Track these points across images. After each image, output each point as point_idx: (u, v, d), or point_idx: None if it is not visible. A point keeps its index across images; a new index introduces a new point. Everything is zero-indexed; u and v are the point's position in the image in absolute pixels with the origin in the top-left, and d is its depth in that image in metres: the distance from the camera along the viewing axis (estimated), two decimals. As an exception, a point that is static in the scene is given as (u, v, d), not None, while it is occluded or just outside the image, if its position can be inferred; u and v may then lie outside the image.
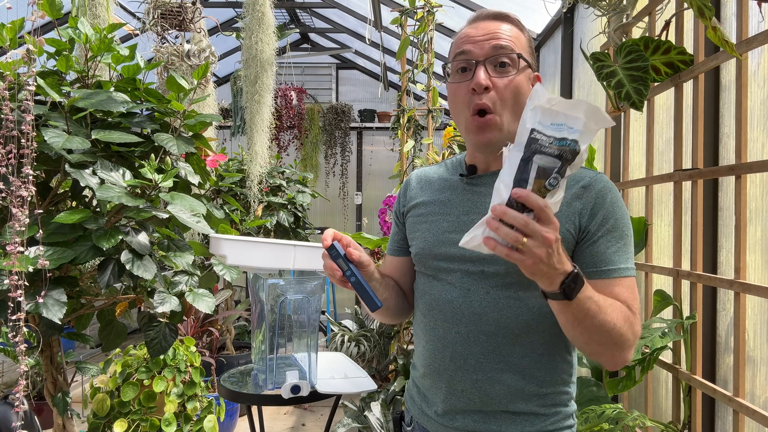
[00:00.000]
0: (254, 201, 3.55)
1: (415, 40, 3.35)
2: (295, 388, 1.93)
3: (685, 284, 1.75)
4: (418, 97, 6.05)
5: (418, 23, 3.29)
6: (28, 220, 1.20)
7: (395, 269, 1.27)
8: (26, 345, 1.19)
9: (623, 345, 0.97)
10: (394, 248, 1.28)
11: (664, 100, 2.04)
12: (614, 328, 0.94)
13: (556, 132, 0.83)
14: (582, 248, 1.03)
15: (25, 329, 1.18)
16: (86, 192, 1.52)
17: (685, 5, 1.54)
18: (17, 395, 1.15)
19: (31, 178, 1.20)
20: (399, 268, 1.26)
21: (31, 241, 1.28)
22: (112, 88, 1.52)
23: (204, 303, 1.54)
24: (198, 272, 1.60)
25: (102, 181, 1.37)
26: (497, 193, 0.85)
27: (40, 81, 1.33)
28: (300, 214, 4.05)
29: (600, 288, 0.99)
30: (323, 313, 4.42)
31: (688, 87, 1.66)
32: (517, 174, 0.83)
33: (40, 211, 1.28)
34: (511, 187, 0.83)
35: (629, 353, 0.99)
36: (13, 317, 1.16)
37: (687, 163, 1.78)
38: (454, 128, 3.07)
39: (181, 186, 1.61)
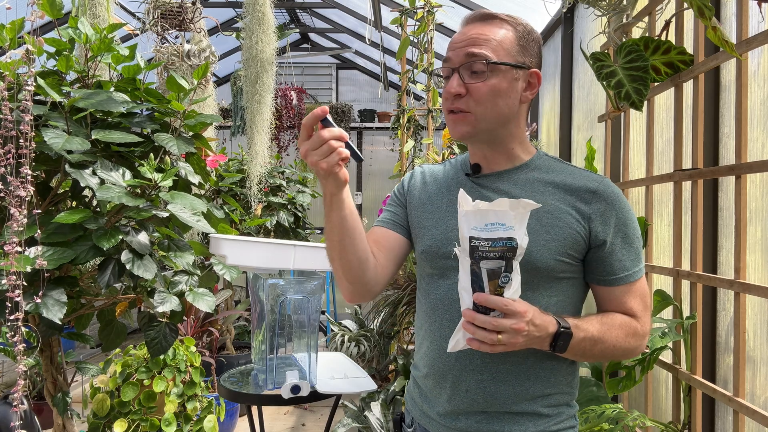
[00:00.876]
0: (254, 201, 3.55)
1: (415, 40, 3.35)
2: (295, 388, 1.93)
3: (685, 284, 1.75)
4: (418, 97, 6.05)
5: (418, 23, 3.29)
6: (26, 220, 1.19)
7: (378, 239, 1.18)
8: (26, 345, 1.19)
9: (628, 354, 1.07)
10: (384, 220, 1.22)
11: (664, 100, 2.04)
12: (615, 347, 1.04)
13: (491, 233, 0.90)
14: (599, 256, 1.07)
15: (24, 329, 1.18)
16: (86, 192, 1.52)
17: (685, 5, 1.54)
18: (16, 395, 1.15)
19: (29, 178, 1.20)
20: (383, 239, 1.18)
21: (31, 241, 1.28)
22: (112, 88, 1.52)
23: (204, 303, 1.54)
24: (198, 272, 1.60)
25: (102, 181, 1.37)
26: (462, 298, 0.95)
27: (41, 81, 1.33)
28: (300, 214, 4.05)
29: (614, 294, 1.08)
30: (323, 313, 4.42)
31: (688, 87, 1.66)
32: (472, 280, 0.93)
33: (39, 211, 1.28)
34: (471, 293, 0.93)
35: (639, 351, 1.08)
36: (12, 317, 1.15)
37: (687, 163, 1.77)
38: (454, 128, 3.07)
39: (181, 186, 1.61)
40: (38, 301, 1.26)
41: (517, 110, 1.10)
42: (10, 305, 1.16)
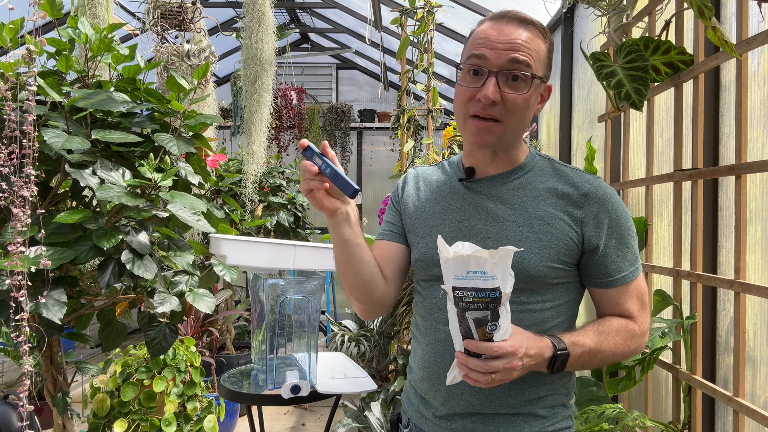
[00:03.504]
0: (249, 201, 3.54)
1: (415, 40, 3.35)
2: (295, 388, 1.93)
3: (685, 284, 1.75)
4: (418, 97, 6.05)
5: (418, 23, 3.29)
6: (29, 220, 1.20)
7: (382, 253, 1.19)
8: (28, 345, 1.19)
9: (629, 356, 1.08)
10: (385, 232, 1.22)
11: (664, 100, 2.04)
12: (615, 354, 1.04)
13: (473, 282, 0.89)
14: (594, 260, 1.06)
15: (27, 329, 1.18)
16: (86, 192, 1.52)
17: (685, 5, 1.54)
18: (21, 395, 1.15)
19: (32, 178, 1.20)
20: (386, 252, 1.19)
21: (32, 241, 1.28)
22: (112, 88, 1.52)
23: (204, 303, 1.54)
24: (198, 272, 1.60)
25: (102, 181, 1.37)
26: (453, 339, 0.95)
27: (41, 81, 1.33)
28: (300, 214, 4.05)
29: (611, 295, 1.07)
30: (323, 313, 4.42)
31: (688, 87, 1.66)
32: (461, 327, 0.92)
33: (42, 211, 1.28)
34: (461, 339, 0.92)
35: (639, 351, 1.09)
36: (17, 317, 1.16)
37: (687, 163, 1.77)
38: (454, 128, 3.07)
39: (182, 186, 1.61)
40: (40, 301, 1.26)
41: (530, 121, 1.10)
42: (14, 305, 1.17)
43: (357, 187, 1.02)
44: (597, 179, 1.08)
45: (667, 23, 1.60)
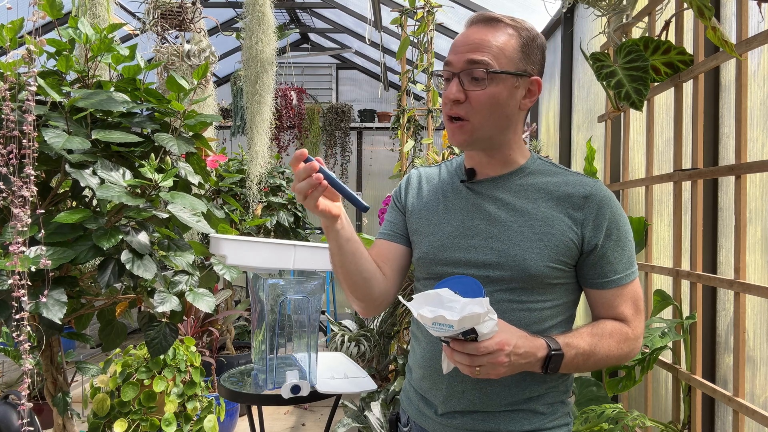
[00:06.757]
0: (253, 201, 3.55)
1: (415, 40, 3.35)
2: (295, 388, 1.93)
3: (685, 284, 1.75)
4: (418, 97, 6.05)
5: (418, 23, 3.29)
6: (30, 220, 1.20)
7: (382, 252, 1.20)
8: (28, 344, 1.19)
9: (622, 359, 1.09)
10: (385, 232, 1.23)
11: (664, 100, 2.04)
12: (608, 356, 1.05)
13: (442, 331, 0.91)
14: (591, 260, 1.07)
15: (28, 328, 1.18)
16: (86, 192, 1.52)
17: (685, 5, 1.54)
18: (23, 393, 1.16)
19: (32, 178, 1.20)
20: (386, 251, 1.20)
21: (32, 241, 1.28)
22: (112, 88, 1.52)
23: (204, 303, 1.54)
24: (198, 272, 1.60)
25: (102, 181, 1.37)
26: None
27: (41, 81, 1.33)
28: (300, 214, 4.05)
29: (606, 297, 1.08)
30: (323, 313, 4.42)
31: (687, 87, 1.66)
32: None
33: (42, 211, 1.28)
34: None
35: (632, 355, 1.09)
36: (17, 317, 1.16)
37: (687, 163, 1.78)
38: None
39: (182, 186, 1.61)
40: (42, 300, 1.26)
41: (515, 118, 1.09)
42: (15, 305, 1.17)
43: (367, 205, 1.03)
44: (597, 182, 1.10)
45: (667, 23, 1.60)
